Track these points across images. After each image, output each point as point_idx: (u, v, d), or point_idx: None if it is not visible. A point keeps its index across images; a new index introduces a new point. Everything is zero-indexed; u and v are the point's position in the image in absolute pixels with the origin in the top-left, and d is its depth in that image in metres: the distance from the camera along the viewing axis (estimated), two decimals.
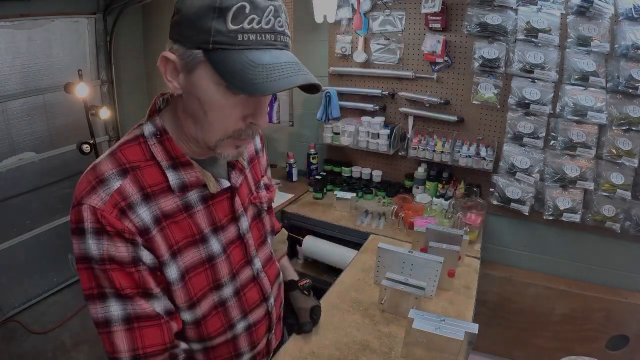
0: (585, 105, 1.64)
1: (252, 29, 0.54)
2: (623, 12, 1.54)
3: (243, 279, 0.81)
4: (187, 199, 0.69)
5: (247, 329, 0.83)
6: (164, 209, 0.66)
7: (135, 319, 0.62)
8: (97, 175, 0.62)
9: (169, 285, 0.67)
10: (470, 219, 1.70)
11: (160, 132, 0.67)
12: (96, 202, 0.59)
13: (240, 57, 0.54)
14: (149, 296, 0.64)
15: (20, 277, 2.40)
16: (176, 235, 0.68)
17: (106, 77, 2.70)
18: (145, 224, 0.63)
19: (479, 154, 1.88)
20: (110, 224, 0.59)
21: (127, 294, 0.62)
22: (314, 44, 2.26)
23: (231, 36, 0.53)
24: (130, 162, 0.64)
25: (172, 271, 0.67)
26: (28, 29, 2.21)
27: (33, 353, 2.14)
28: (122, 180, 0.62)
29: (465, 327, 0.90)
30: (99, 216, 0.59)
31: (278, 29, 0.56)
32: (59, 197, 2.55)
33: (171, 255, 0.67)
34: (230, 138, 0.63)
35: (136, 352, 0.62)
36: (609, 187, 1.68)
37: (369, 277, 1.31)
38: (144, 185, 0.64)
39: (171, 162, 0.67)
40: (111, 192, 0.61)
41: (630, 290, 1.86)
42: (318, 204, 2.13)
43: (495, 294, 2.04)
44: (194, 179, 0.69)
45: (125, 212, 0.61)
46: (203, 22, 0.54)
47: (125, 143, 0.67)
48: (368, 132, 2.08)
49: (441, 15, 1.81)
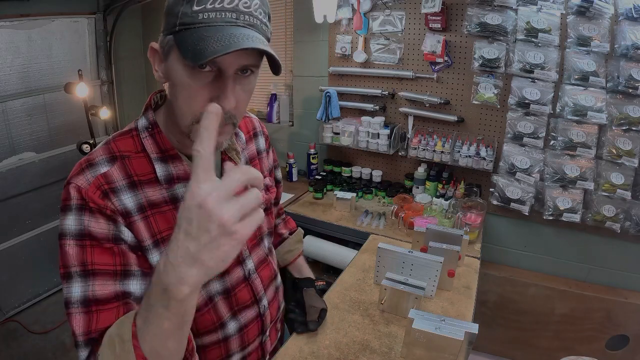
0: (585, 105, 1.64)
1: (213, 8, 0.55)
2: (623, 12, 1.54)
3: (233, 279, 0.80)
4: (174, 191, 0.70)
5: (239, 330, 0.83)
6: (150, 199, 0.67)
7: (95, 302, 0.59)
8: (88, 160, 0.66)
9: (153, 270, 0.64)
10: (470, 219, 1.70)
11: (152, 125, 0.69)
12: (82, 182, 0.63)
13: (198, 33, 0.55)
14: (127, 274, 0.63)
15: (20, 277, 2.40)
16: (160, 225, 0.68)
17: (106, 77, 2.70)
18: (126, 208, 0.64)
19: (479, 154, 1.88)
20: (93, 201, 0.62)
21: (96, 270, 0.60)
22: (314, 44, 2.26)
23: (193, 16, 0.55)
24: (121, 151, 0.67)
25: (154, 257, 0.67)
26: (28, 29, 2.21)
27: (33, 353, 2.14)
28: (109, 166, 0.65)
29: (465, 327, 0.90)
30: (83, 194, 0.62)
31: (241, 9, 0.56)
32: (59, 197, 2.54)
33: (154, 243, 0.67)
34: None
35: (90, 335, 0.59)
36: (609, 187, 1.68)
37: (369, 277, 1.31)
38: (131, 174, 0.66)
39: (160, 155, 0.69)
40: (96, 174, 0.64)
41: (630, 290, 1.86)
42: (318, 204, 2.13)
43: (495, 294, 2.04)
44: (182, 172, 0.70)
45: (108, 195, 0.63)
46: (175, 9, 0.56)
47: (118, 135, 0.70)
48: (368, 132, 2.08)
49: (441, 15, 1.81)
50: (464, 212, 1.74)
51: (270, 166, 0.96)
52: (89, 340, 0.59)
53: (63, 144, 2.50)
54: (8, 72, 2.18)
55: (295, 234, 1.15)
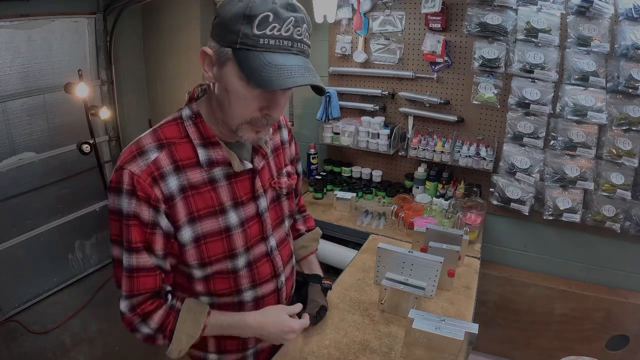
0: (585, 105, 1.64)
1: (272, 35, 0.64)
2: (623, 12, 1.54)
3: (256, 253, 0.89)
4: (213, 174, 0.80)
5: (255, 299, 0.91)
6: (191, 181, 0.78)
7: (136, 269, 0.77)
8: (139, 147, 0.75)
9: (182, 247, 0.79)
10: (470, 219, 1.70)
11: (195, 115, 0.79)
12: (135, 169, 0.72)
13: (259, 57, 0.64)
14: (150, 252, 0.77)
15: (20, 277, 2.40)
16: (198, 204, 0.79)
17: (106, 77, 2.70)
18: (171, 192, 0.76)
19: (479, 154, 1.88)
20: (142, 190, 0.73)
21: (137, 248, 0.75)
22: (314, 44, 2.26)
23: (254, 39, 0.64)
24: (167, 138, 0.77)
25: (186, 233, 0.78)
26: (28, 29, 2.20)
27: (33, 353, 2.14)
28: (158, 153, 0.75)
29: (465, 327, 0.90)
30: (135, 181, 0.72)
31: (295, 37, 0.66)
32: (59, 197, 2.55)
33: (189, 220, 0.78)
34: (248, 124, 0.74)
35: (132, 292, 0.78)
36: (609, 187, 1.68)
37: (369, 277, 1.32)
38: (176, 159, 0.76)
39: (202, 141, 0.79)
40: (148, 162, 0.74)
41: (630, 290, 1.86)
42: (318, 204, 2.13)
43: (495, 294, 2.04)
44: (221, 157, 0.80)
45: (157, 181, 0.74)
46: (234, 26, 0.65)
47: (165, 123, 0.80)
48: (368, 132, 2.08)
49: (441, 15, 1.81)
50: (464, 212, 1.74)
51: (293, 157, 1.05)
52: (130, 296, 0.78)
53: (63, 144, 2.50)
54: (8, 72, 2.17)
55: (312, 232, 1.20)
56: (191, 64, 2.77)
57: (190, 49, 2.72)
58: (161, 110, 3.04)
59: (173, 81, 2.90)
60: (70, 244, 2.68)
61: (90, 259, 2.81)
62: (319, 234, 1.23)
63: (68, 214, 2.62)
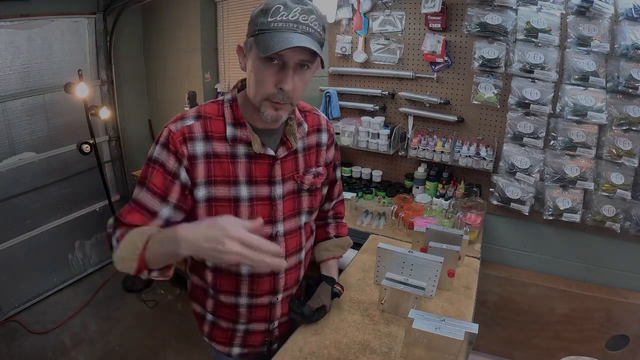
0: (585, 105, 1.64)
1: (281, 19, 0.77)
2: (623, 12, 1.54)
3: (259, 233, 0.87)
4: (235, 149, 0.90)
5: (250, 275, 0.97)
6: (215, 150, 0.89)
7: (136, 203, 0.87)
8: (183, 115, 0.90)
9: (195, 202, 0.89)
10: (470, 219, 1.70)
11: (233, 100, 0.92)
12: (173, 128, 0.87)
13: (269, 36, 0.77)
14: (164, 200, 0.87)
15: (20, 277, 2.40)
16: (216, 171, 0.89)
17: (106, 77, 2.70)
18: (195, 154, 0.87)
19: (479, 154, 1.88)
20: (173, 144, 0.86)
21: (150, 187, 0.86)
22: None
23: (268, 24, 0.77)
24: (206, 113, 0.91)
25: (201, 192, 0.89)
26: (28, 29, 2.21)
27: (33, 353, 2.14)
28: (194, 121, 0.89)
29: (465, 327, 0.90)
30: (170, 136, 0.86)
31: (301, 21, 0.77)
32: (59, 197, 2.56)
33: (206, 182, 0.89)
34: (268, 100, 0.84)
35: (120, 216, 0.87)
36: (609, 187, 1.68)
37: (369, 277, 1.32)
38: (207, 130, 0.89)
39: (233, 121, 0.90)
40: (184, 125, 0.88)
41: (630, 290, 1.86)
42: None
43: (495, 294, 2.04)
44: (244, 136, 0.90)
45: (186, 141, 0.87)
46: (256, 19, 0.80)
47: (209, 102, 0.94)
48: (368, 132, 2.08)
49: (441, 15, 1.81)
50: (464, 212, 1.73)
51: (330, 161, 1.10)
52: (118, 221, 0.87)
53: (63, 144, 2.50)
54: (8, 72, 2.18)
55: (341, 239, 1.22)
56: (191, 64, 2.77)
57: (191, 49, 2.72)
58: (161, 110, 3.05)
59: (173, 81, 2.91)
60: (70, 244, 2.68)
61: (90, 259, 2.82)
62: (347, 243, 1.23)
63: (68, 214, 2.63)
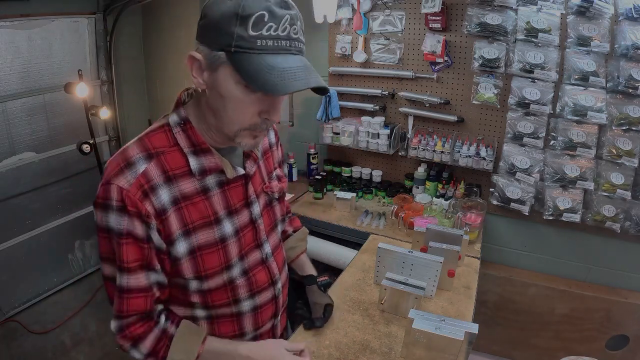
0: (585, 105, 1.64)
1: (269, 35, 0.60)
2: (623, 12, 1.54)
3: (251, 261, 0.86)
4: (205, 182, 0.77)
5: (253, 309, 0.89)
6: (183, 191, 0.74)
7: (127, 291, 0.73)
8: (126, 158, 0.70)
9: (176, 261, 0.76)
10: (470, 219, 1.70)
11: (183, 121, 0.75)
12: (123, 183, 0.68)
13: (258, 60, 0.61)
14: (150, 269, 0.74)
15: (20, 277, 2.40)
16: (193, 215, 0.75)
17: (106, 77, 2.70)
18: (163, 205, 0.71)
19: (479, 154, 1.88)
20: (133, 205, 0.68)
21: (130, 267, 0.72)
22: (314, 44, 2.26)
23: (251, 41, 0.60)
24: (156, 147, 0.73)
25: (180, 247, 0.75)
26: (28, 29, 2.20)
27: (33, 353, 2.14)
28: (147, 163, 0.71)
29: (465, 327, 0.90)
30: (124, 196, 0.67)
31: (293, 36, 0.63)
32: (59, 197, 2.55)
33: (184, 233, 0.75)
34: (247, 130, 0.71)
35: (121, 313, 0.75)
36: (609, 187, 1.68)
37: (369, 277, 1.32)
38: (166, 169, 0.72)
39: (193, 149, 0.75)
40: (137, 175, 0.69)
41: (630, 290, 1.86)
42: (318, 204, 2.13)
43: (495, 294, 2.04)
44: (213, 164, 0.76)
45: (148, 194, 0.69)
46: (227, 27, 0.61)
47: (151, 131, 0.75)
48: (368, 132, 2.08)
49: (441, 15, 1.81)
50: (464, 212, 1.73)
51: (280, 159, 1.02)
52: (120, 316, 0.75)
53: (63, 144, 2.49)
54: (8, 72, 2.17)
55: (299, 232, 1.17)
56: None
57: (190, 49, 2.71)
58: (161, 110, 3.03)
59: (173, 81, 2.90)
60: (70, 244, 2.68)
61: (90, 259, 2.81)
62: (305, 234, 1.19)
63: (68, 214, 2.62)
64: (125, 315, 0.75)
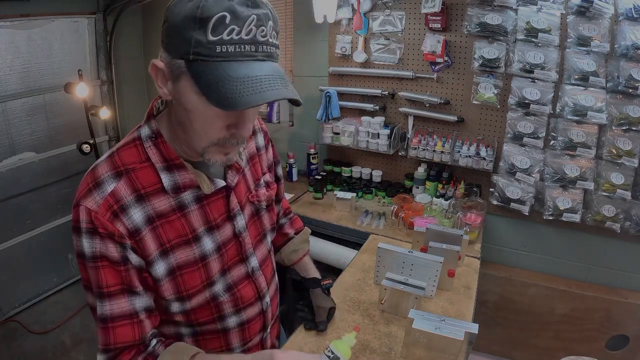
0: (585, 105, 1.64)
1: (231, 40, 0.53)
2: (623, 12, 1.54)
3: (235, 276, 0.82)
4: (181, 199, 0.71)
5: (240, 325, 0.84)
6: (157, 209, 0.69)
7: (111, 319, 0.66)
8: (94, 177, 0.66)
9: (156, 282, 0.70)
10: (470, 219, 1.70)
11: (155, 135, 0.69)
12: (91, 205, 0.63)
13: (217, 70, 0.54)
14: (132, 293, 0.68)
15: (20, 277, 2.40)
16: (169, 234, 0.70)
17: (106, 77, 2.70)
18: (136, 225, 0.66)
19: (479, 154, 1.88)
20: (103, 226, 0.63)
21: (111, 292, 0.66)
22: (314, 44, 2.26)
23: (210, 47, 0.53)
24: (126, 164, 0.67)
25: (159, 268, 0.70)
26: (28, 29, 2.21)
27: (33, 353, 2.14)
28: (116, 182, 0.65)
29: (465, 327, 0.90)
30: (92, 218, 0.63)
31: (259, 39, 0.55)
32: (59, 197, 2.55)
33: (161, 253, 0.70)
34: (216, 145, 0.64)
35: (108, 346, 0.67)
36: (609, 187, 1.68)
37: (369, 277, 1.31)
38: (137, 187, 0.67)
39: (165, 164, 0.69)
40: (105, 195, 0.64)
41: (630, 290, 1.86)
42: (318, 204, 2.13)
43: (495, 294, 2.04)
44: (188, 180, 0.70)
45: (118, 215, 0.64)
46: (185, 32, 0.54)
47: (122, 146, 0.70)
48: (368, 132, 2.08)
49: (441, 15, 1.81)
50: (464, 212, 1.73)
51: (271, 162, 0.95)
52: (107, 350, 0.67)
53: (63, 144, 2.50)
54: (8, 72, 2.17)
55: (301, 234, 1.13)
56: None
57: None
58: None
59: None
60: (70, 244, 2.68)
61: None
62: (308, 234, 1.15)
63: (68, 214, 2.61)
64: (113, 348, 0.67)
